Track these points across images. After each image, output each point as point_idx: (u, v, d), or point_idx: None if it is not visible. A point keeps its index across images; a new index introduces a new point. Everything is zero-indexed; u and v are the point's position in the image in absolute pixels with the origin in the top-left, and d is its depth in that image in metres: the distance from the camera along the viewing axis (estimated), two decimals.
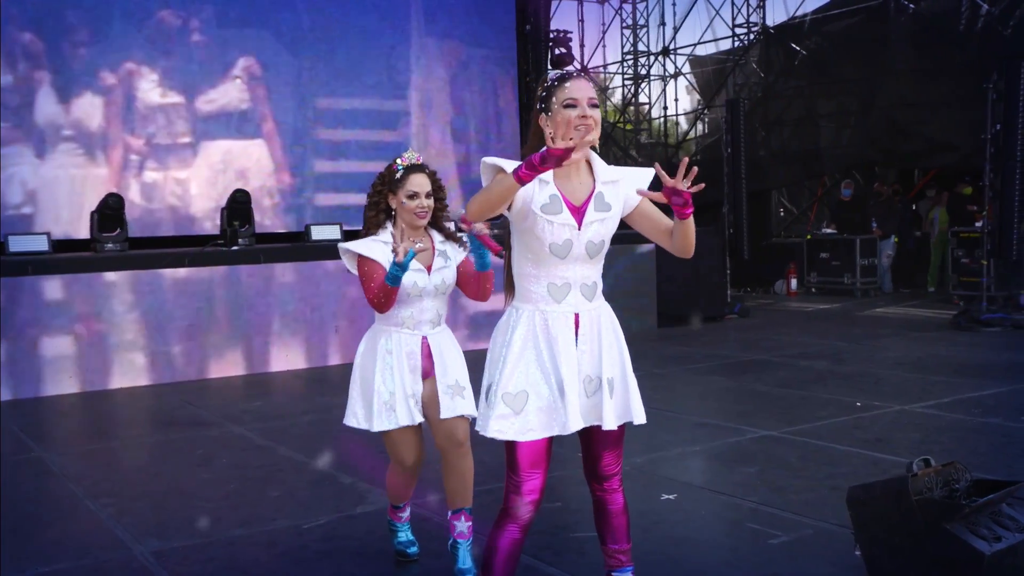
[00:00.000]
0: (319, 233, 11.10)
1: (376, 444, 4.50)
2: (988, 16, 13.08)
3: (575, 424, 2.84)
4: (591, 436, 3.00)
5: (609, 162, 3.03)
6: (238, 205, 9.94)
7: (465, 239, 3.75)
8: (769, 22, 16.91)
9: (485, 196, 2.72)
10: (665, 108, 19.84)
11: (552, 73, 2.97)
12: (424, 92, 13.55)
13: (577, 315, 2.91)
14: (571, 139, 2.58)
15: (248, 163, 11.91)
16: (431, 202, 3.73)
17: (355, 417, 3.80)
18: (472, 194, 2.81)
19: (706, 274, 12.09)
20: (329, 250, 10.27)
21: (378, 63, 13.00)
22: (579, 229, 2.86)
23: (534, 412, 2.84)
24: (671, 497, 4.75)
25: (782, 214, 18.99)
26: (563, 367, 2.85)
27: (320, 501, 4.88)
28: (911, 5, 14.07)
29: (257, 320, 9.07)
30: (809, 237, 15.71)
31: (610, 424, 2.92)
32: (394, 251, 3.48)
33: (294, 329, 9.27)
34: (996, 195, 10.50)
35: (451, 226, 3.88)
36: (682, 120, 20.93)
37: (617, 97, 21.88)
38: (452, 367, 3.77)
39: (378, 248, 3.65)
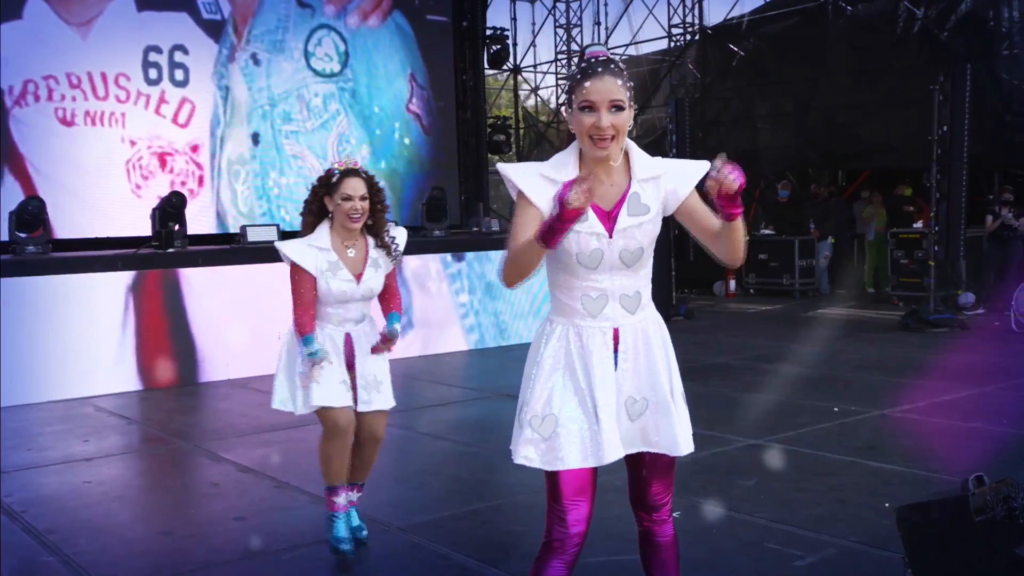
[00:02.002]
0: (256, 235, 10.61)
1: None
2: (925, 20, 13.20)
3: (612, 454, 2.54)
4: (638, 461, 2.68)
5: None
6: (173, 209, 9.39)
7: (395, 253, 4.02)
8: (706, 23, 16.86)
9: (516, 265, 2.45)
10: None
11: (590, 52, 2.56)
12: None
13: (616, 330, 2.59)
14: (581, 188, 2.20)
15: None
16: (365, 204, 3.87)
17: (283, 400, 4.01)
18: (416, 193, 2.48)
19: (655, 275, 11.89)
20: (268, 252, 9.80)
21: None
22: (610, 237, 2.52)
23: (563, 438, 2.53)
24: (676, 515, 4.46)
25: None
26: (598, 389, 2.54)
27: (297, 523, 4.47)
28: (848, 7, 14.13)
29: (195, 326, 8.54)
30: (747, 238, 15.64)
31: (675, 450, 2.62)
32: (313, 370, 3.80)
33: (235, 335, 8.76)
34: (943, 196, 10.52)
35: (389, 230, 4.03)
36: None
37: (551, 96, 21.66)
38: (371, 361, 4.00)
39: (311, 255, 3.83)
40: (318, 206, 3.92)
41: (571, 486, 2.56)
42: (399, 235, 4.09)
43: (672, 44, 17.49)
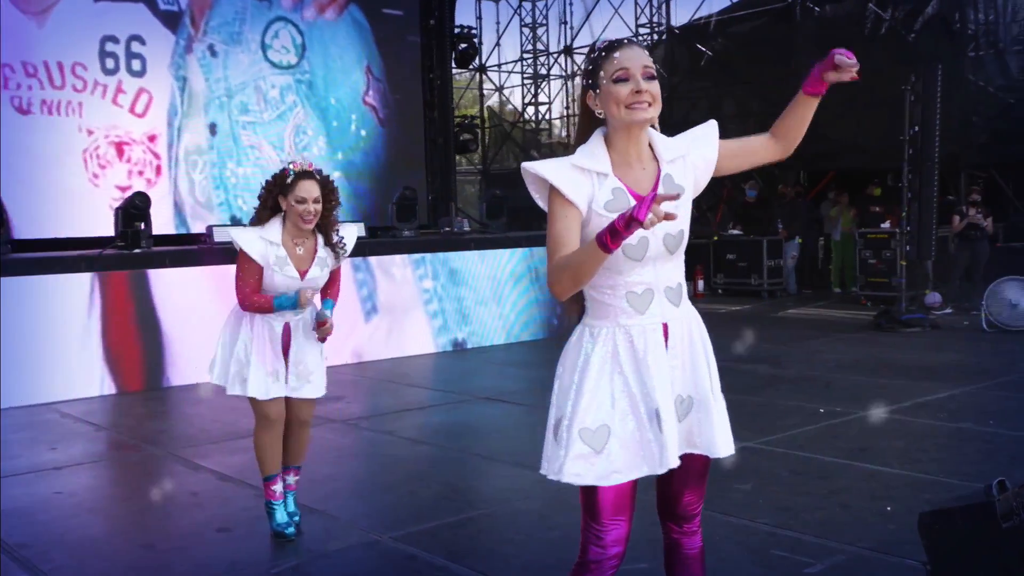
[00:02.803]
0: (223, 235, 10.37)
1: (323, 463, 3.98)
2: (892, 21, 13.27)
3: (673, 459, 2.38)
4: (672, 469, 2.52)
5: (509, 163, 2.59)
6: (136, 210, 9.12)
7: (341, 247, 4.19)
8: (673, 23, 16.85)
9: (573, 272, 2.26)
10: (568, 108, 19.60)
11: (599, 42, 2.47)
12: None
13: (666, 325, 2.45)
14: (659, 209, 2.06)
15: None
16: (319, 207, 3.98)
17: (219, 378, 4.19)
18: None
19: None
20: (231, 253, 9.57)
21: None
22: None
23: (618, 450, 2.38)
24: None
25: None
26: (657, 390, 2.38)
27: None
28: (816, 8, 14.17)
29: (162, 329, 8.30)
30: (716, 239, 15.68)
31: (714, 452, 2.51)
32: (303, 301, 3.99)
33: (203, 338, 8.51)
34: (915, 196, 10.55)
35: (339, 229, 4.18)
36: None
37: (516, 96, 21.55)
38: (304, 352, 4.14)
39: (260, 246, 3.96)
40: (272, 202, 4.02)
41: (612, 503, 2.42)
42: (348, 235, 4.25)
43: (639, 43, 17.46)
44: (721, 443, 2.51)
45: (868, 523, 4.21)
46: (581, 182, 2.35)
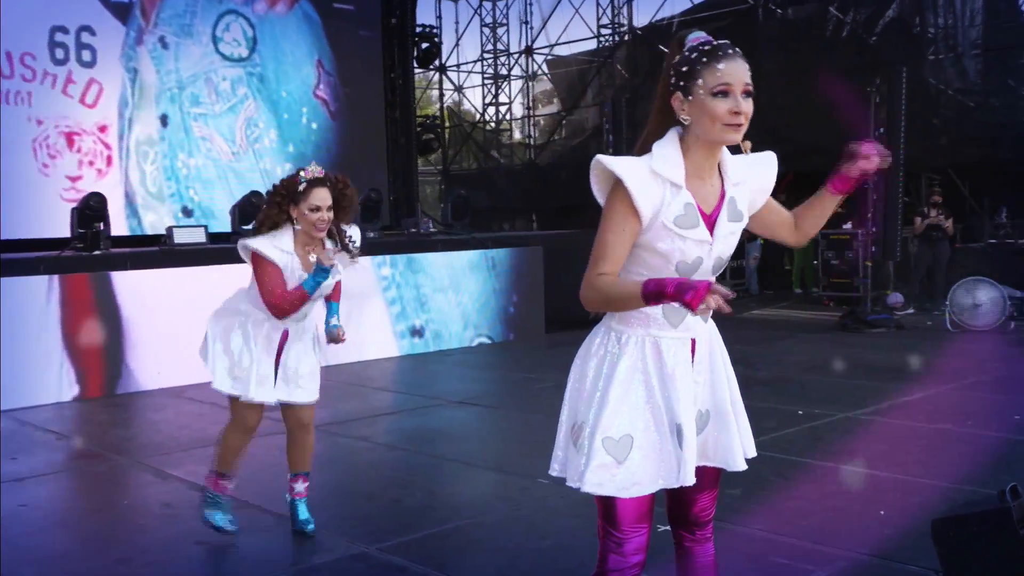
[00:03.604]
0: (182, 236, 10.17)
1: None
2: (853, 24, 13.37)
3: (690, 476, 2.31)
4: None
5: (470, 163, 2.50)
6: (91, 211, 8.87)
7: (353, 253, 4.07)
8: (635, 24, 16.84)
9: (607, 301, 2.23)
10: (529, 108, 19.52)
11: (694, 37, 2.28)
12: None
13: (694, 340, 2.39)
14: (715, 299, 2.00)
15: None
16: (331, 215, 3.86)
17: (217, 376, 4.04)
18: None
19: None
20: (196, 254, 9.36)
21: None
22: (712, 244, 2.29)
23: (640, 461, 2.31)
24: (667, 528, 4.27)
25: None
26: (681, 404, 2.31)
27: (265, 547, 4.14)
28: (778, 11, 14.24)
29: (123, 332, 8.05)
30: None
31: (714, 461, 2.44)
32: (319, 261, 3.78)
33: (165, 342, 8.29)
34: (880, 198, 10.62)
35: (350, 234, 4.05)
36: (540, 121, 20.68)
37: (476, 96, 21.44)
38: (295, 357, 4.04)
39: (275, 251, 3.81)
40: (284, 213, 3.86)
41: (633, 512, 2.35)
42: (355, 235, 4.11)
43: (600, 44, 17.42)
44: (739, 456, 2.44)
45: (864, 528, 4.16)
46: (654, 190, 2.23)
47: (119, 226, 10.32)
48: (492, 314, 10.73)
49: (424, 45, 15.23)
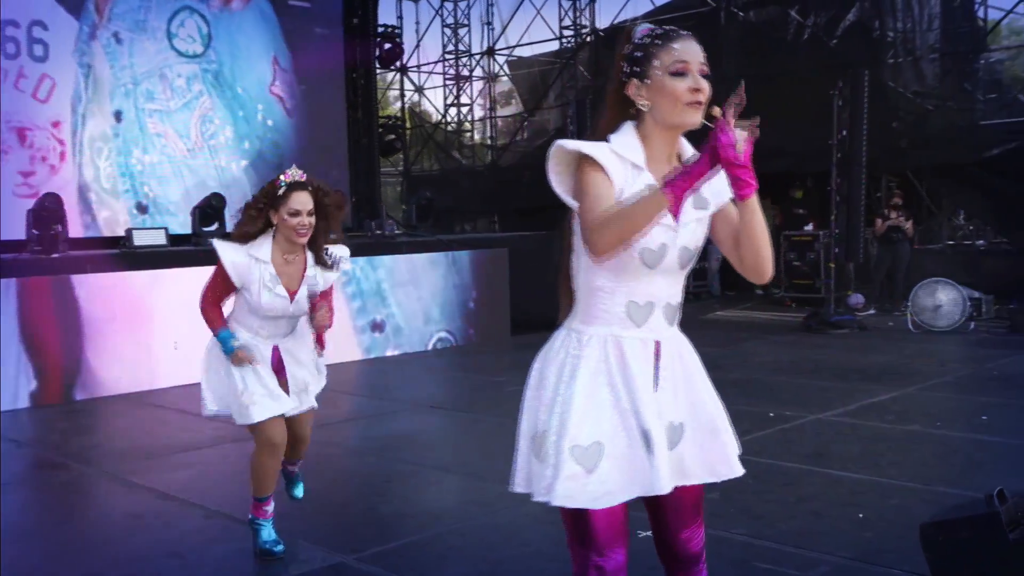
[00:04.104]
0: (142, 239, 10.00)
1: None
2: (814, 28, 13.48)
3: (667, 482, 2.17)
4: (664, 503, 2.30)
5: (432, 165, 2.41)
6: (47, 213, 8.67)
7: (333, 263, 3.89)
8: (597, 25, 16.87)
9: (622, 224, 2.01)
10: (491, 109, 19.46)
11: (643, 28, 2.23)
12: None
13: (658, 343, 2.26)
14: (747, 131, 1.91)
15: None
16: (312, 220, 3.72)
17: (210, 403, 3.96)
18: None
19: (555, 278, 11.72)
20: (157, 257, 9.19)
21: None
22: (676, 231, 2.19)
23: (609, 469, 2.17)
24: (648, 534, 4.25)
25: None
26: (650, 411, 2.19)
27: (241, 559, 4.05)
28: (740, 13, 14.32)
29: (82, 337, 7.87)
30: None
31: (697, 479, 2.30)
32: (234, 361, 3.76)
33: (126, 346, 8.12)
34: (843, 200, 10.72)
35: (329, 249, 3.88)
36: (501, 122, 20.63)
37: (436, 97, 21.35)
38: (300, 372, 3.96)
39: (243, 262, 3.72)
40: (264, 219, 3.75)
41: (607, 529, 2.19)
42: (340, 253, 3.92)
43: (563, 46, 17.42)
44: (733, 461, 2.34)
45: (843, 531, 4.16)
46: (618, 167, 2.15)
47: (73, 222, 10.07)
48: (457, 316, 10.66)
49: (387, 45, 15.11)
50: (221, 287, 3.79)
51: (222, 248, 3.76)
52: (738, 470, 2.35)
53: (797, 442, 5.79)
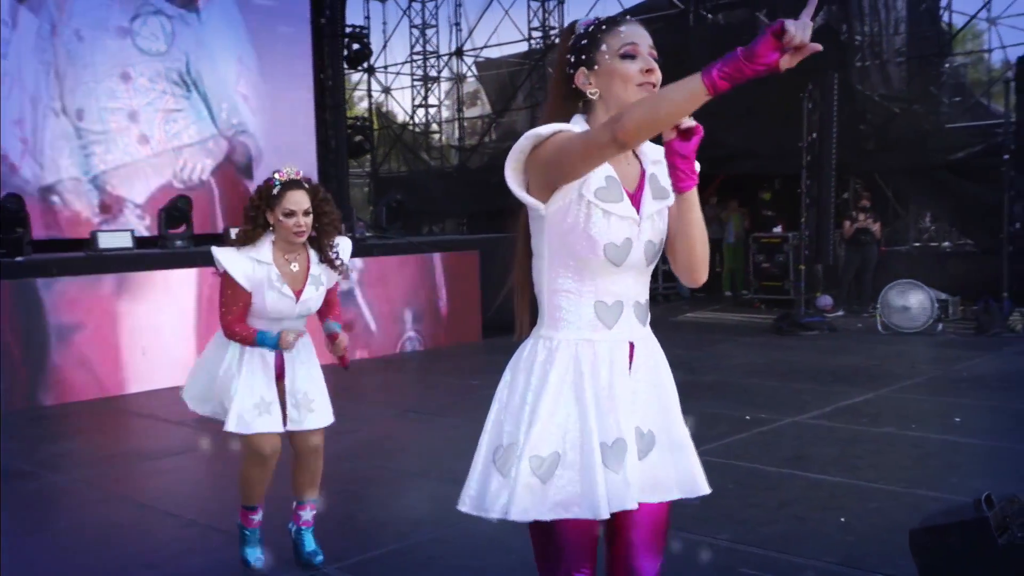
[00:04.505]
0: (107, 241, 9.83)
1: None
2: None
3: (634, 495, 2.04)
4: (625, 522, 2.15)
5: (399, 166, 2.32)
6: (10, 215, 8.49)
7: (340, 268, 3.81)
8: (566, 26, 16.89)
9: (655, 103, 1.82)
10: (460, 110, 19.40)
11: (585, 19, 2.16)
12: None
13: (632, 344, 2.15)
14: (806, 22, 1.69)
15: None
16: (309, 219, 3.62)
17: (191, 398, 3.86)
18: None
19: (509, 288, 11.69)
20: (123, 260, 9.04)
21: None
22: (639, 224, 2.09)
23: (567, 481, 2.05)
24: None
25: None
26: (622, 419, 2.07)
27: (220, 570, 3.97)
28: (709, 16, 14.39)
29: (48, 342, 7.73)
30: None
31: (696, 489, 2.19)
32: (284, 344, 3.60)
33: (93, 351, 7.98)
34: (813, 202, 10.78)
35: (338, 244, 3.80)
36: (468, 123, 20.57)
37: (404, 98, 21.25)
38: (301, 378, 3.78)
39: (248, 267, 3.60)
40: (261, 219, 3.64)
41: (577, 546, 2.08)
42: (343, 247, 3.84)
43: (532, 47, 17.41)
44: (700, 479, 2.20)
45: (827, 536, 4.17)
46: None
47: (35, 223, 9.88)
48: (428, 318, 10.60)
49: (355, 46, 14.99)
50: (235, 298, 3.63)
51: (222, 255, 3.63)
52: (704, 488, 2.22)
53: (775, 445, 5.79)
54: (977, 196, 12.16)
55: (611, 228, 2.06)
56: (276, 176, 3.61)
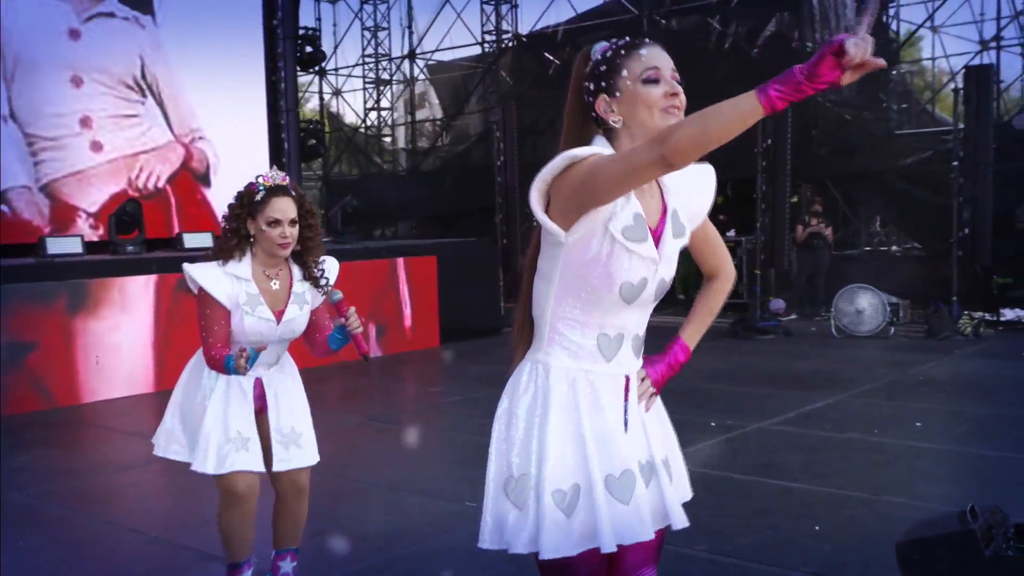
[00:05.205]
0: (57, 247, 9.62)
1: (210, 507, 3.64)
2: (735, 37, 13.71)
3: (650, 528, 2.06)
4: (621, 549, 2.12)
5: (351, 169, 2.27)
6: None
7: (324, 287, 3.37)
8: (520, 30, 16.87)
9: (707, 125, 1.71)
10: (412, 113, 19.29)
11: (601, 45, 2.10)
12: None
13: (627, 378, 2.15)
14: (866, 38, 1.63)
15: None
16: (295, 230, 3.23)
17: (172, 448, 3.39)
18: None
19: (480, 286, 11.68)
20: (74, 267, 8.83)
21: None
22: (658, 264, 2.06)
23: (589, 512, 2.03)
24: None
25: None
26: (627, 451, 2.08)
27: None
28: (663, 21, 14.48)
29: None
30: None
31: (681, 520, 2.16)
32: (236, 366, 3.01)
33: (42, 362, 7.77)
34: (768, 207, 10.89)
35: (324, 263, 3.39)
36: (421, 127, 20.47)
37: (355, 100, 21.10)
38: (287, 412, 3.42)
39: (226, 284, 3.22)
40: (243, 230, 3.24)
41: (590, 574, 2.06)
42: (330, 267, 3.41)
43: (485, 50, 17.38)
44: (680, 510, 2.18)
45: (803, 546, 4.19)
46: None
47: None
48: (386, 325, 10.51)
49: (308, 48, 14.84)
50: (215, 318, 3.22)
51: (197, 272, 3.23)
52: (683, 520, 2.19)
53: (743, 452, 5.83)
54: (926, 201, 12.40)
55: (631, 267, 2.03)
56: (260, 180, 3.22)
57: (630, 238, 2.01)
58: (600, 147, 2.02)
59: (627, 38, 2.10)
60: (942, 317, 10.60)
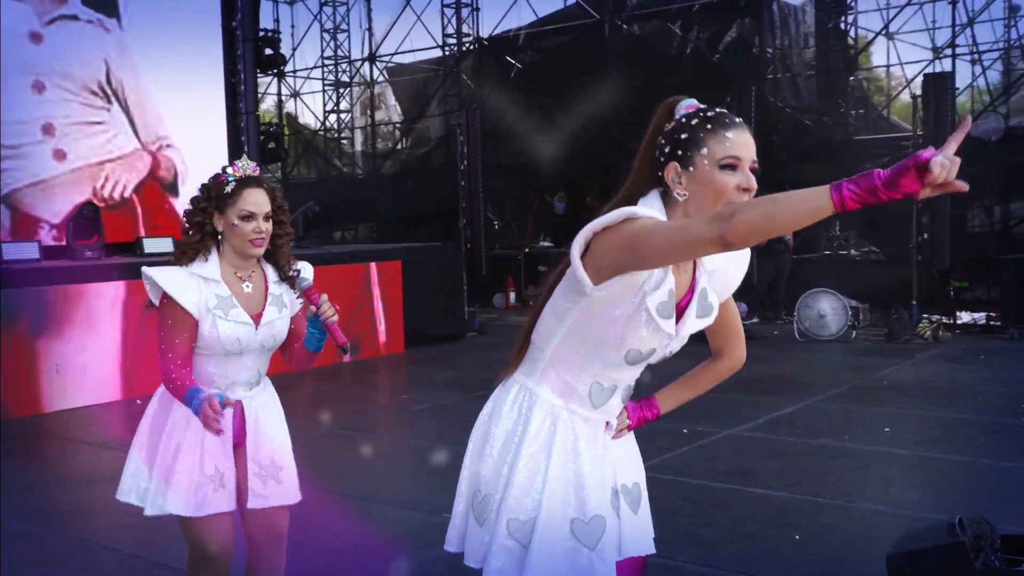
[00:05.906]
0: (12, 252, 9.41)
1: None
2: (697, 42, 13.81)
3: (610, 569, 2.10)
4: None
5: (310, 172, 2.24)
6: None
7: (307, 316, 2.90)
8: (481, 34, 16.84)
9: (773, 214, 1.66)
10: (372, 116, 19.17)
11: (688, 104, 2.04)
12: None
13: (607, 424, 2.22)
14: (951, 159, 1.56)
15: None
16: (269, 226, 2.87)
17: (136, 492, 2.94)
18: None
19: (444, 290, 11.64)
20: (28, 273, 8.63)
21: None
22: (671, 341, 2.08)
23: (542, 548, 2.07)
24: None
25: (497, 227, 19.04)
26: (593, 494, 2.11)
27: None
28: (625, 26, 14.53)
29: None
30: (527, 251, 15.77)
31: (648, 548, 2.28)
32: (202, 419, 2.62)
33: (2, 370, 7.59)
34: None
35: (299, 268, 2.96)
36: (382, 129, 20.36)
37: (314, 103, 20.92)
38: (267, 441, 3.02)
39: (193, 288, 2.82)
40: (209, 225, 2.88)
41: None
42: (305, 270, 2.96)
43: (446, 53, 17.33)
44: (650, 537, 2.30)
45: (784, 555, 4.21)
46: None
47: None
48: (350, 330, 10.41)
49: (268, 51, 14.68)
50: (178, 328, 2.82)
51: (158, 275, 2.83)
52: (651, 547, 2.32)
53: (717, 459, 5.85)
54: (884, 206, 12.48)
55: (646, 338, 2.03)
56: (229, 171, 2.88)
57: (661, 314, 2.00)
58: (656, 210, 1.98)
59: (717, 109, 2.02)
60: (902, 321, 10.75)
